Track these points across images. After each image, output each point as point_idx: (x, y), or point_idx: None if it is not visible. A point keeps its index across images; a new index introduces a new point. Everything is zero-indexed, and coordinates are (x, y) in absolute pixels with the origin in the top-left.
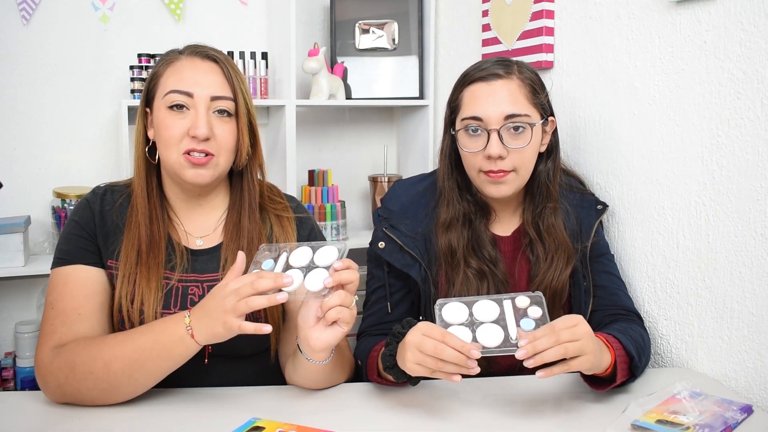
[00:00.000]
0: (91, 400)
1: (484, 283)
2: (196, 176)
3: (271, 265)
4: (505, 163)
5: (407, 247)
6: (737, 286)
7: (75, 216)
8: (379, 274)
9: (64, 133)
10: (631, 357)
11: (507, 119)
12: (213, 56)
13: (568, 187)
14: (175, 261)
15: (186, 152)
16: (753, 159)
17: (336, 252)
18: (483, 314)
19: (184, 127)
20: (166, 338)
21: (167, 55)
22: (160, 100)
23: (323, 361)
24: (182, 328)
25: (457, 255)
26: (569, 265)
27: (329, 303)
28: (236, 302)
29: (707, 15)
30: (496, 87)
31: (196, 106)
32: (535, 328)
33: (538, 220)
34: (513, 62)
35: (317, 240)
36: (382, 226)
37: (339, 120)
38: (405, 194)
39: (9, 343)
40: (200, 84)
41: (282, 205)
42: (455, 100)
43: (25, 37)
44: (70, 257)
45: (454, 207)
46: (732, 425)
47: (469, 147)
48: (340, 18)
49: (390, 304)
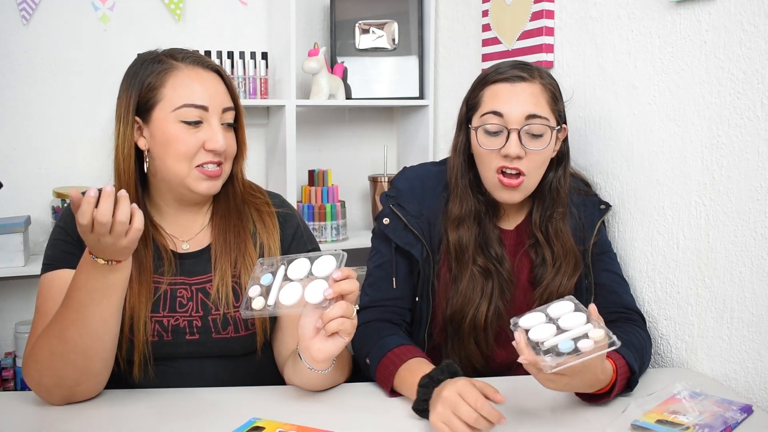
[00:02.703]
0: (77, 384)
1: (489, 281)
2: (209, 188)
3: (270, 279)
4: (521, 163)
5: (411, 225)
6: (737, 286)
7: (60, 222)
8: (385, 250)
9: (64, 133)
10: (633, 371)
11: (528, 120)
12: (215, 67)
13: (574, 189)
14: (163, 267)
15: (198, 165)
16: (753, 159)
17: (334, 262)
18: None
19: (199, 140)
20: (83, 278)
21: (159, 62)
22: (167, 112)
23: (325, 370)
24: (87, 261)
25: (466, 253)
26: (576, 272)
27: (330, 314)
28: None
29: (707, 15)
30: (519, 88)
31: (210, 119)
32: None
33: (548, 224)
34: (534, 67)
35: (304, 238)
36: (389, 203)
37: (339, 120)
38: (415, 177)
39: (9, 343)
40: (212, 96)
41: (261, 199)
42: (474, 98)
43: (25, 37)
44: (56, 262)
45: (466, 204)
46: (732, 425)
47: (487, 145)
48: (340, 18)
49: (395, 281)
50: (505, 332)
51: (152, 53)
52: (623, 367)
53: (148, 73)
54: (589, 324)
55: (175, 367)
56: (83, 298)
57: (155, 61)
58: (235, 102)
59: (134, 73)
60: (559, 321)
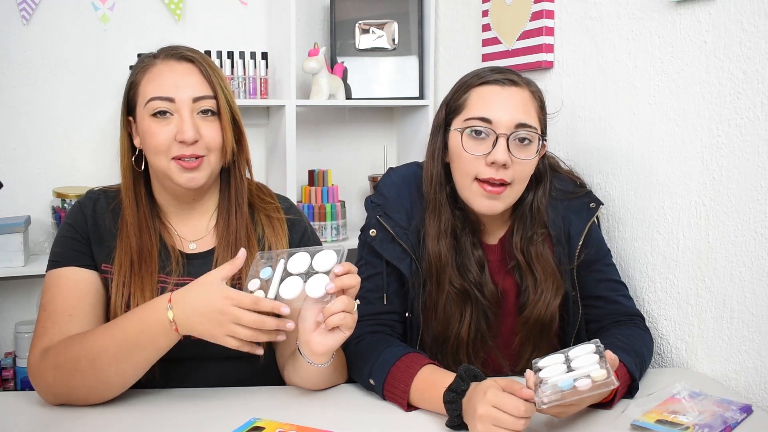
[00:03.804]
0: (84, 398)
1: (468, 304)
2: (189, 181)
3: (269, 273)
4: (506, 173)
5: (399, 237)
6: (737, 286)
7: (68, 219)
8: (375, 262)
9: (64, 133)
10: (633, 378)
11: (517, 128)
12: (189, 56)
13: (561, 194)
14: (170, 267)
15: (175, 158)
16: (753, 159)
17: (335, 256)
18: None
19: (170, 132)
20: (147, 329)
21: (142, 61)
22: (142, 108)
23: (324, 364)
24: (165, 322)
25: (444, 273)
26: (558, 295)
27: (332, 309)
28: (233, 326)
29: (707, 15)
30: (509, 93)
31: (179, 110)
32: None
33: (529, 246)
34: (522, 75)
35: (311, 243)
36: (375, 214)
37: (339, 120)
38: (402, 182)
39: (9, 343)
40: (180, 87)
41: (272, 205)
42: (456, 100)
43: (25, 37)
44: (63, 259)
45: (443, 219)
46: (732, 425)
47: (472, 150)
48: (340, 18)
49: (386, 296)
50: (490, 356)
51: (147, 53)
52: (624, 375)
53: (133, 73)
54: (596, 365)
55: (178, 369)
56: (131, 337)
57: (141, 60)
58: (215, 90)
59: (130, 74)
60: (572, 362)
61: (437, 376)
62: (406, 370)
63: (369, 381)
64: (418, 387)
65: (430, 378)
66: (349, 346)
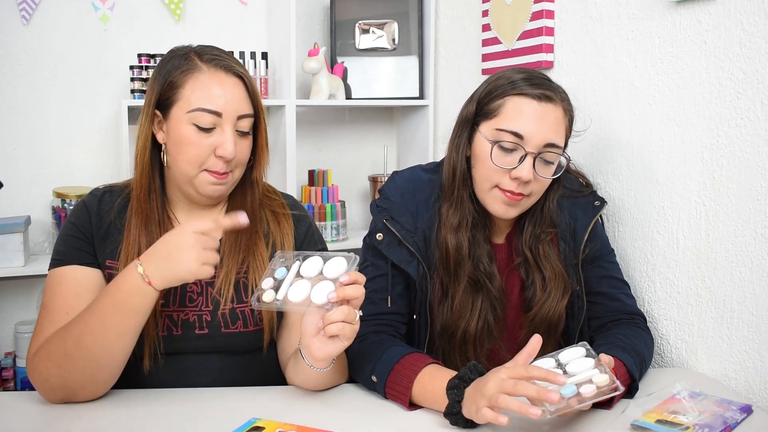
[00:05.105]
0: (80, 387)
1: (479, 295)
2: (214, 192)
3: (284, 273)
4: (526, 188)
5: (406, 240)
6: (737, 286)
7: (72, 217)
8: (380, 264)
9: (64, 133)
10: (633, 379)
11: (546, 147)
12: (237, 72)
13: (568, 191)
14: None
15: (208, 170)
16: (753, 159)
17: (345, 264)
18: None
19: (210, 145)
20: (122, 294)
21: (184, 61)
22: (183, 113)
23: (324, 369)
24: (138, 279)
25: (462, 263)
26: (566, 295)
27: (331, 318)
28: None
29: (707, 15)
30: (545, 110)
31: (224, 125)
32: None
33: (537, 244)
34: (557, 86)
35: (315, 239)
36: (382, 218)
37: (339, 120)
38: (406, 186)
39: (9, 343)
40: (228, 102)
41: (277, 201)
42: (490, 104)
43: (25, 37)
44: (66, 258)
45: (462, 212)
46: (732, 425)
47: (499, 162)
48: (340, 18)
49: (390, 298)
50: (495, 349)
51: (184, 48)
52: (624, 375)
53: (172, 68)
54: (596, 369)
55: (181, 362)
56: (108, 307)
57: (182, 58)
58: (256, 108)
59: (162, 66)
60: (567, 366)
61: (441, 374)
62: (410, 367)
63: (371, 378)
64: (422, 381)
65: (434, 375)
66: (351, 345)
